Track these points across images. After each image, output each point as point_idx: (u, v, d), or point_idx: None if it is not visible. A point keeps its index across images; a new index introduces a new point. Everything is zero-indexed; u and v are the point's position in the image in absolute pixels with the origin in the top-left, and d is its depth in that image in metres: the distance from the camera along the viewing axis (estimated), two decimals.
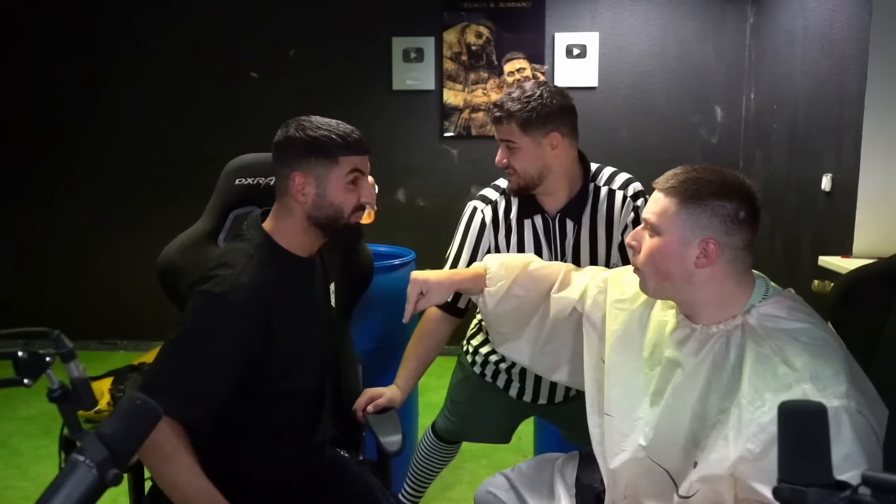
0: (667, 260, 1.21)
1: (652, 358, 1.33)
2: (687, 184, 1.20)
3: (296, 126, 1.45)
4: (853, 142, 2.90)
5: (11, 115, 4.43)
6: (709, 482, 1.15)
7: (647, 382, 1.32)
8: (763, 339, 1.16)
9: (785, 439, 0.73)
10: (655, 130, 4.31)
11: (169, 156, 4.41)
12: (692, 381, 1.22)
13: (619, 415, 1.35)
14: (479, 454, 2.97)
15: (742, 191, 1.20)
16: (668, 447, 1.25)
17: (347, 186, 1.46)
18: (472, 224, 1.89)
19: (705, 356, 1.21)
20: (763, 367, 1.13)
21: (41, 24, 4.34)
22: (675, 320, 1.30)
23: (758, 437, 1.08)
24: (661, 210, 1.22)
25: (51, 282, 4.49)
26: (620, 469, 1.32)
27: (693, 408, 1.22)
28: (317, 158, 1.43)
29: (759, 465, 1.07)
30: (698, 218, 1.18)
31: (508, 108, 1.73)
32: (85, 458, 0.83)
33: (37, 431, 3.29)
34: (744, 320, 1.20)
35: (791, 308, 1.20)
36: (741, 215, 1.19)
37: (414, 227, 4.28)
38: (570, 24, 4.25)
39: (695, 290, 1.22)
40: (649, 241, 1.24)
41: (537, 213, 1.84)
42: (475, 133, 4.34)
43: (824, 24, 3.22)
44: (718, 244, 1.18)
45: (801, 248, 3.46)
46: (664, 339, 1.31)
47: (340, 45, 4.30)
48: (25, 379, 0.88)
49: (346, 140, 1.44)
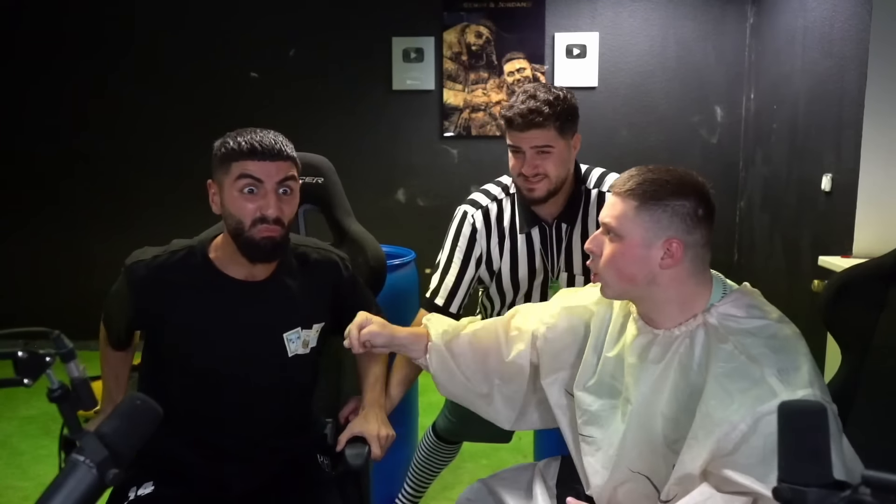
0: (630, 263, 1.20)
1: (616, 369, 1.32)
2: (645, 185, 1.19)
3: (230, 134, 1.44)
4: (853, 142, 2.90)
5: (11, 115, 4.43)
6: (683, 483, 1.15)
7: (613, 395, 1.32)
8: (726, 337, 1.16)
9: (785, 439, 0.73)
10: (655, 130, 4.31)
11: (169, 156, 4.41)
12: (660, 385, 1.21)
13: (596, 433, 1.34)
14: (479, 454, 2.97)
15: (698, 188, 1.21)
16: (646, 455, 1.24)
17: (241, 195, 1.39)
18: (462, 230, 1.87)
19: (670, 359, 1.21)
20: (730, 366, 1.13)
21: (41, 22, 4.34)
22: (635, 327, 1.28)
23: (729, 435, 1.08)
24: (620, 213, 1.21)
25: (50, 282, 4.49)
26: (605, 485, 1.31)
27: (663, 411, 1.21)
28: (218, 165, 1.42)
29: (730, 459, 1.08)
30: (660, 218, 1.18)
31: (547, 112, 1.68)
32: (85, 458, 0.83)
33: (37, 431, 3.29)
34: (704, 319, 1.20)
35: (749, 306, 1.20)
36: (700, 213, 1.19)
37: (414, 227, 4.28)
38: (570, 24, 4.25)
39: (658, 290, 1.21)
40: (609, 245, 1.23)
41: (535, 225, 1.83)
42: (475, 133, 4.34)
43: (824, 24, 3.22)
44: (682, 243, 1.18)
45: (801, 248, 3.46)
46: (625, 348, 1.30)
47: (340, 44, 4.30)
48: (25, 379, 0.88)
49: (241, 145, 1.38)
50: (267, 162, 1.38)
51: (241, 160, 1.39)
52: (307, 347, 1.55)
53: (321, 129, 4.25)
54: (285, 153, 1.41)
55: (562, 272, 1.88)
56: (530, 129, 1.70)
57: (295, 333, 1.53)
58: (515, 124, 1.71)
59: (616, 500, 1.31)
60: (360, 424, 1.57)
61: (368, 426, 1.56)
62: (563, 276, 1.88)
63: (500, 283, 1.90)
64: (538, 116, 1.68)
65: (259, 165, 1.38)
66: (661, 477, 1.23)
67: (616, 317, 1.36)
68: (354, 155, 4.29)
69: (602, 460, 1.31)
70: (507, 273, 1.89)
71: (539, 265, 1.86)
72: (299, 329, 1.53)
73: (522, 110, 1.69)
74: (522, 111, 1.69)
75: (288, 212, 1.43)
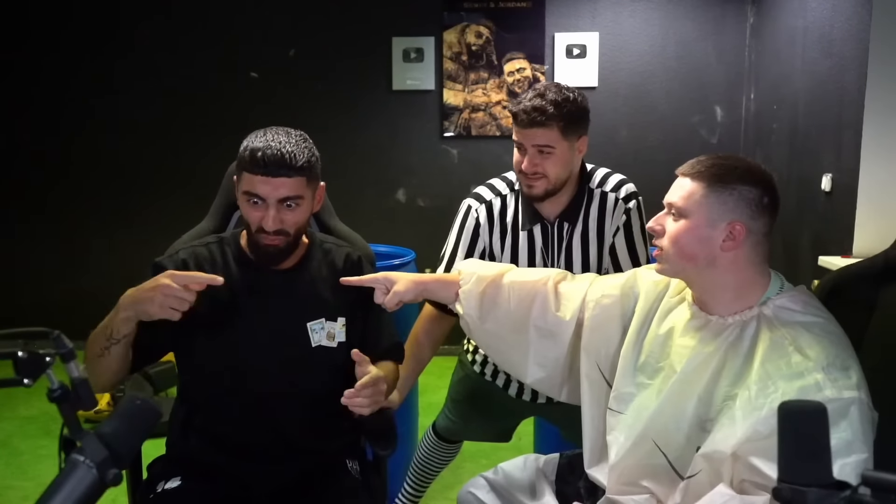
0: (693, 242, 1.23)
1: (660, 352, 1.33)
2: (714, 168, 1.23)
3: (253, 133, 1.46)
4: (853, 142, 2.90)
5: (11, 115, 4.42)
6: (711, 460, 1.16)
7: (653, 374, 1.33)
8: (777, 328, 1.18)
9: (785, 439, 0.74)
10: (655, 130, 4.31)
11: (169, 155, 4.41)
12: (702, 368, 1.23)
13: (626, 409, 1.35)
14: (479, 454, 2.97)
15: (765, 178, 1.24)
16: (671, 431, 1.26)
17: (247, 204, 1.44)
18: (466, 223, 1.88)
19: (719, 345, 1.23)
20: (776, 354, 1.15)
21: (41, 24, 4.34)
22: (689, 311, 1.31)
23: (768, 420, 1.09)
24: (687, 194, 1.24)
25: (50, 282, 4.49)
26: (623, 457, 1.32)
27: (699, 394, 1.23)
28: (237, 167, 1.45)
29: (762, 444, 1.08)
30: (726, 201, 1.21)
31: (551, 112, 1.68)
32: (85, 458, 0.83)
33: (37, 431, 3.29)
34: (760, 311, 1.22)
35: (806, 303, 1.23)
36: (765, 201, 1.22)
37: (414, 227, 4.27)
38: (570, 24, 4.25)
39: (716, 274, 1.24)
40: (674, 224, 1.26)
41: (537, 223, 1.84)
42: (475, 133, 4.33)
43: (824, 24, 3.22)
44: (745, 227, 1.21)
45: (801, 248, 3.46)
46: (675, 329, 1.32)
47: (340, 44, 4.30)
48: (25, 379, 0.88)
49: (250, 157, 1.40)
50: (270, 178, 1.39)
51: (248, 173, 1.41)
52: (333, 340, 1.55)
53: (321, 129, 4.23)
54: (294, 167, 1.40)
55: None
56: (533, 128, 1.70)
57: (318, 324, 1.54)
58: (520, 121, 1.72)
59: (629, 476, 1.32)
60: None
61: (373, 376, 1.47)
62: None
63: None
64: (541, 115, 1.68)
65: (262, 182, 1.40)
66: (678, 455, 1.24)
67: (668, 299, 1.38)
68: (354, 155, 4.29)
69: (626, 433, 1.33)
70: None
71: (539, 263, 1.86)
72: (323, 320, 1.54)
73: (528, 108, 1.70)
74: (527, 108, 1.69)
75: (292, 221, 1.45)
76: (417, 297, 1.56)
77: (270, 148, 1.39)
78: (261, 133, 1.44)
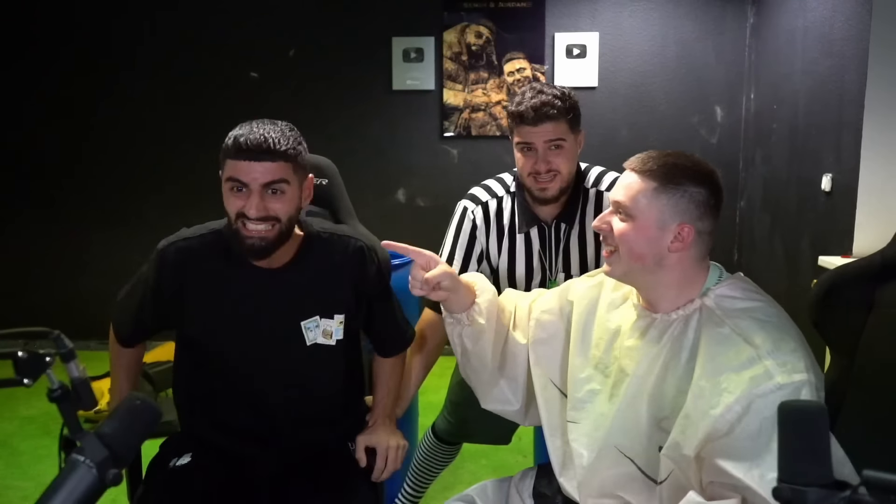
0: (642, 242, 1.21)
1: (606, 354, 1.33)
2: (666, 168, 1.21)
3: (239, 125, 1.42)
4: (853, 142, 2.90)
5: (11, 115, 4.42)
6: (677, 463, 1.16)
7: (603, 378, 1.32)
8: (721, 319, 1.18)
9: (785, 439, 0.73)
10: (655, 130, 4.31)
11: (169, 155, 4.41)
12: (651, 366, 1.23)
13: (583, 418, 1.34)
14: (479, 454, 2.97)
15: (712, 178, 1.23)
16: (632, 434, 1.25)
17: (230, 192, 1.39)
18: (462, 226, 1.87)
19: (665, 342, 1.22)
20: (723, 348, 1.14)
21: (41, 23, 4.34)
22: (634, 312, 1.30)
23: (724, 416, 1.09)
24: (636, 193, 1.21)
25: (51, 282, 4.49)
26: (592, 466, 1.31)
27: (650, 393, 1.22)
28: (220, 158, 1.41)
29: (724, 443, 1.08)
30: (676, 203, 1.20)
31: (559, 105, 1.68)
32: (85, 458, 0.83)
33: (37, 431, 3.29)
34: (701, 303, 1.21)
35: (744, 289, 1.22)
36: (712, 202, 1.22)
37: (414, 227, 4.27)
38: (570, 24, 4.25)
39: (662, 273, 1.23)
40: (621, 224, 1.24)
41: (534, 225, 1.83)
42: (475, 133, 4.33)
43: (824, 24, 3.22)
44: (692, 228, 1.20)
45: (801, 248, 3.46)
46: (621, 331, 1.31)
47: (340, 44, 4.30)
48: (25, 379, 0.88)
49: (233, 144, 1.36)
50: (253, 163, 1.35)
51: (230, 159, 1.37)
52: (331, 338, 1.53)
53: (321, 129, 4.24)
54: (278, 151, 1.35)
55: (559, 273, 1.88)
56: (544, 123, 1.68)
57: (313, 322, 1.51)
58: (528, 118, 1.68)
59: (604, 488, 1.30)
60: (369, 438, 1.59)
61: (378, 438, 1.59)
62: (561, 277, 1.88)
63: (497, 283, 1.90)
64: (551, 109, 1.67)
65: (245, 167, 1.35)
66: (645, 459, 1.24)
67: (608, 293, 1.37)
68: (354, 155, 4.29)
69: (587, 443, 1.32)
70: (504, 272, 1.88)
71: (537, 266, 1.85)
72: (317, 318, 1.51)
73: (535, 104, 1.68)
74: (535, 104, 1.68)
75: (278, 208, 1.38)
76: (451, 289, 1.41)
77: (253, 133, 1.35)
78: (245, 124, 1.40)
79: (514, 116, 1.72)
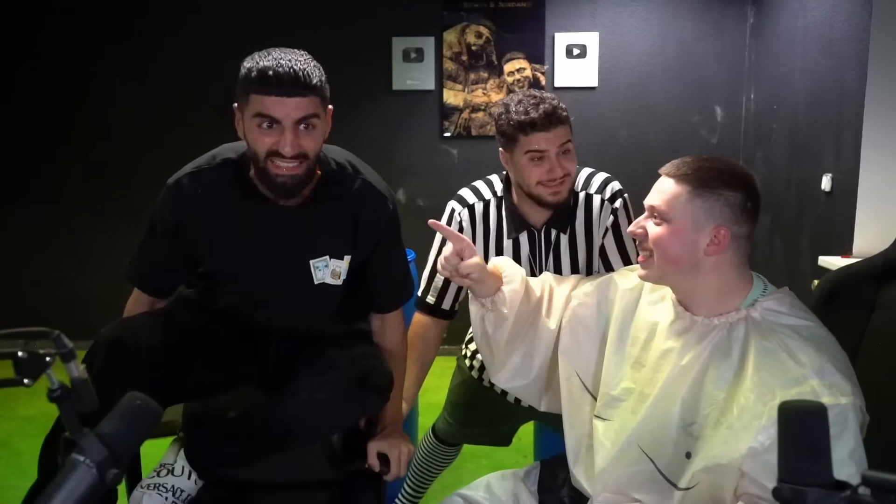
0: (677, 246, 1.22)
1: (642, 352, 1.33)
2: (700, 172, 1.22)
3: (256, 54, 1.34)
4: (853, 142, 2.90)
5: (12, 115, 4.42)
6: (712, 472, 1.15)
7: (637, 377, 1.32)
8: (768, 333, 1.18)
9: (785, 439, 0.73)
10: (655, 130, 4.31)
11: (170, 156, 4.35)
12: (687, 370, 1.23)
13: (615, 415, 1.34)
14: (479, 454, 2.97)
15: (749, 183, 1.24)
16: (658, 436, 1.25)
17: (258, 129, 1.31)
18: (450, 226, 1.85)
19: (705, 347, 1.22)
20: (771, 362, 1.14)
21: (48, 26, 4.34)
22: (672, 312, 1.30)
23: (768, 430, 1.09)
24: (671, 197, 1.23)
25: (51, 282, 4.49)
26: (611, 461, 1.31)
27: (684, 397, 1.22)
28: (239, 90, 1.34)
29: (768, 459, 1.08)
30: (712, 206, 1.21)
31: (563, 109, 1.66)
32: (85, 458, 0.83)
33: (37, 431, 3.28)
34: (747, 313, 1.21)
35: (792, 305, 1.22)
36: (748, 206, 1.22)
37: (414, 227, 4.24)
38: (570, 24, 4.25)
39: (699, 277, 1.23)
40: (656, 228, 1.25)
41: (523, 231, 1.80)
42: (475, 133, 4.33)
43: (824, 24, 3.22)
44: (729, 231, 1.21)
45: (801, 248, 3.46)
46: (658, 330, 1.31)
47: (340, 45, 4.30)
48: (25, 379, 0.88)
49: (260, 77, 1.27)
50: (285, 98, 1.28)
51: (258, 94, 1.29)
52: (338, 278, 1.51)
53: None
54: (310, 85, 1.30)
55: None
56: (556, 127, 1.64)
57: (322, 262, 1.49)
58: (539, 125, 1.63)
59: (619, 486, 1.31)
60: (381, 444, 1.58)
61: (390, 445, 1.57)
62: None
63: None
64: (562, 112, 1.66)
65: (276, 103, 1.29)
66: (667, 461, 1.23)
67: (647, 295, 1.37)
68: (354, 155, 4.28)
69: (612, 438, 1.32)
70: None
71: (526, 270, 1.84)
72: (327, 258, 1.49)
73: (547, 109, 1.63)
74: (547, 109, 1.63)
75: (310, 145, 1.34)
76: (480, 280, 1.45)
77: (282, 66, 1.28)
78: (263, 53, 1.31)
79: (521, 126, 1.65)
